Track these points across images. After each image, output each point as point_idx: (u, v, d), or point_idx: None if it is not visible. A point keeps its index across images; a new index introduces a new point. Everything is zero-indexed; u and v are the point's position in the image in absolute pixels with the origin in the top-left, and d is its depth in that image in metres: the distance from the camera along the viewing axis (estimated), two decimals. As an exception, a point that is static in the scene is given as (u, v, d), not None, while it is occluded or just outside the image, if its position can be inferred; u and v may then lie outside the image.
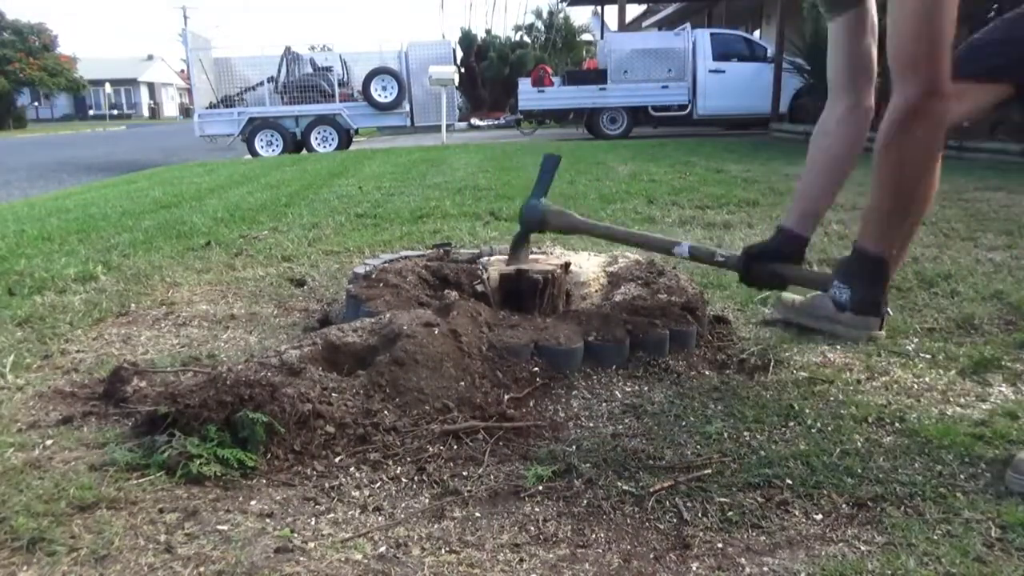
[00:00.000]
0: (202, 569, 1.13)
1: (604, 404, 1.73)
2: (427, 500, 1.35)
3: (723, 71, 13.36)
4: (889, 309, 2.15)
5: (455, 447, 1.52)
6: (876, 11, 1.78)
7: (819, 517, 1.27)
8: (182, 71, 30.83)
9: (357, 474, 1.43)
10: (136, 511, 1.29)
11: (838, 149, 1.84)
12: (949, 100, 1.50)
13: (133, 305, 2.58)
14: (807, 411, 1.66)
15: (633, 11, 24.74)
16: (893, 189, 1.59)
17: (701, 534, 1.23)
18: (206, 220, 4.35)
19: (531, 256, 2.35)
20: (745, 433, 1.57)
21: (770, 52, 13.16)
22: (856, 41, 1.78)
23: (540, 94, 13.88)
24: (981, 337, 2.11)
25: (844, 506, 1.30)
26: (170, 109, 61.05)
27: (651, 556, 1.19)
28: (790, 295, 2.27)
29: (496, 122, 21.10)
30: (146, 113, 57.23)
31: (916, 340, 2.09)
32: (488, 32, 26.34)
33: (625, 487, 1.37)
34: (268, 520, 1.28)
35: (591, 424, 1.64)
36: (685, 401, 1.73)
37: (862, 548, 1.18)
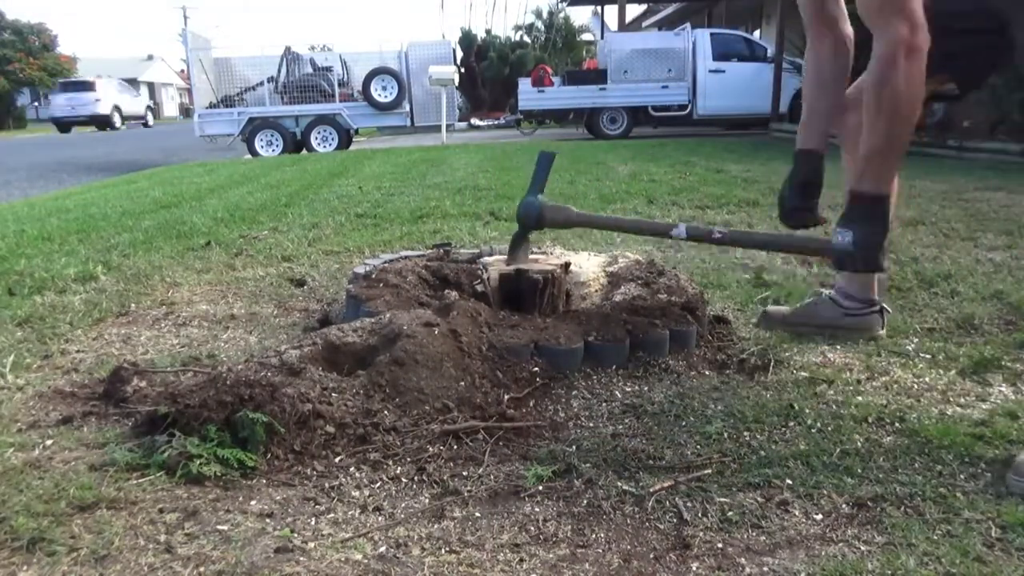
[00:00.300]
0: (202, 569, 1.13)
1: (604, 404, 1.73)
2: (427, 500, 1.35)
3: (723, 71, 13.35)
4: (888, 307, 2.16)
5: (455, 447, 1.52)
6: None
7: (819, 517, 1.27)
8: (182, 71, 30.86)
9: (357, 474, 1.43)
10: (136, 511, 1.29)
11: (832, 79, 1.94)
12: (926, 30, 1.55)
13: (133, 305, 2.58)
14: (807, 411, 1.66)
15: (633, 11, 24.76)
16: (888, 128, 1.62)
17: (701, 534, 1.23)
18: (206, 220, 4.35)
19: (531, 256, 2.35)
20: (745, 433, 1.57)
21: (770, 52, 13.16)
22: None
23: (540, 94, 13.88)
24: (981, 337, 2.11)
25: (844, 506, 1.30)
26: (170, 109, 61.04)
27: (651, 556, 1.19)
28: (776, 307, 2.29)
29: (496, 122, 21.09)
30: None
31: (916, 340, 2.09)
32: (488, 32, 26.34)
33: (625, 487, 1.37)
34: (268, 520, 1.28)
35: (591, 424, 1.64)
36: (685, 401, 1.73)
37: (862, 548, 1.18)
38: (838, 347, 2.06)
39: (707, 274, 2.84)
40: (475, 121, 21.51)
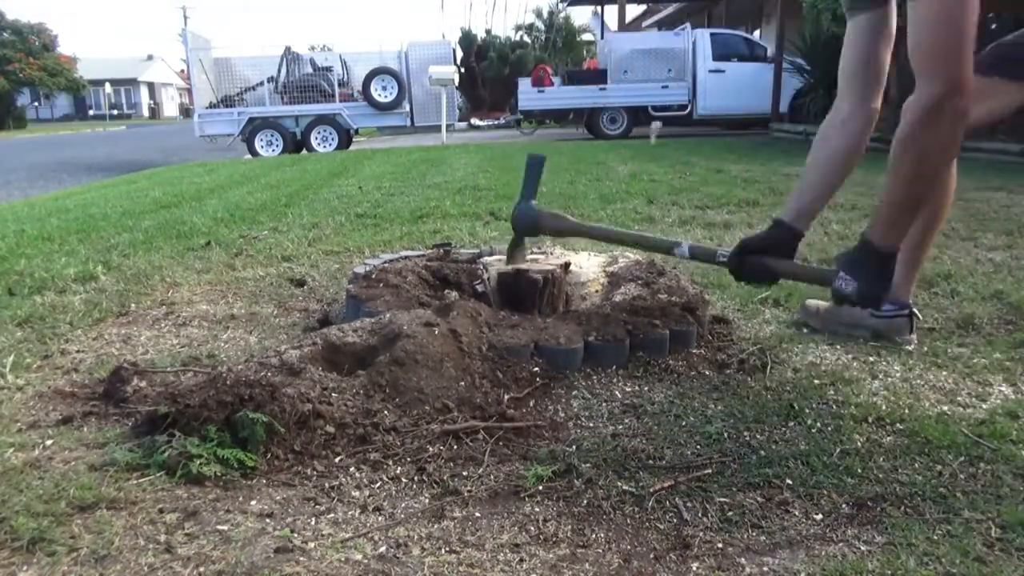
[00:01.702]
0: (202, 569, 1.13)
1: (604, 404, 1.73)
2: (427, 500, 1.35)
3: (723, 71, 13.36)
4: (918, 311, 2.12)
5: (455, 447, 1.52)
6: (896, 16, 1.77)
7: (819, 517, 1.27)
8: (182, 71, 30.83)
9: (357, 474, 1.43)
10: (136, 511, 1.29)
11: (841, 149, 1.82)
12: (970, 98, 1.51)
13: (133, 305, 2.58)
14: (807, 411, 1.66)
15: (633, 11, 24.74)
16: (908, 184, 1.59)
17: (701, 534, 1.23)
18: (206, 220, 4.35)
19: (531, 256, 2.35)
20: (745, 433, 1.57)
21: (770, 52, 13.16)
22: (873, 43, 1.77)
23: (540, 94, 13.89)
24: (981, 337, 2.11)
25: (844, 506, 1.30)
26: (170, 109, 61.04)
27: (651, 556, 1.19)
28: (814, 301, 2.25)
29: (496, 122, 21.10)
30: (146, 113, 57.23)
31: (916, 340, 2.09)
32: (488, 32, 26.34)
33: (625, 487, 1.37)
34: (268, 520, 1.28)
35: (591, 424, 1.64)
36: (685, 401, 1.73)
37: (862, 548, 1.18)
38: (838, 347, 2.06)
39: (707, 274, 2.84)
40: (475, 121, 21.52)
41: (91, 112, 51.63)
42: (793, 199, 1.89)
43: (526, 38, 26.38)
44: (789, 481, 1.38)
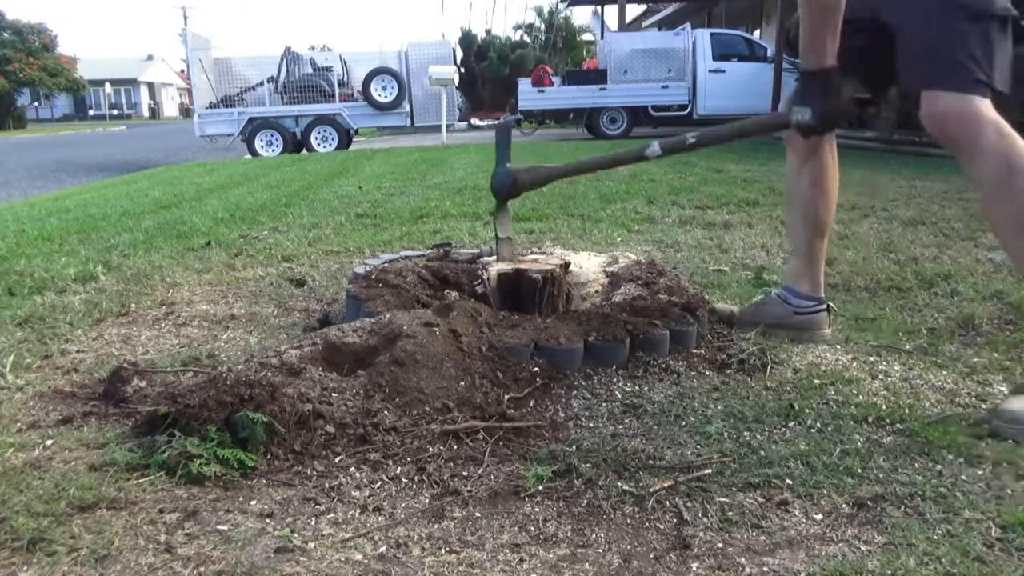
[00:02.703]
0: (202, 569, 1.13)
1: (604, 404, 1.73)
2: (427, 500, 1.35)
3: (723, 71, 13.36)
4: (832, 304, 2.18)
5: (455, 447, 1.52)
6: None
7: (819, 517, 1.27)
8: (182, 71, 30.83)
9: (357, 474, 1.43)
10: (136, 511, 1.29)
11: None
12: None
13: (133, 305, 2.58)
14: (807, 411, 1.66)
15: (633, 11, 24.75)
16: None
17: (701, 534, 1.23)
18: (206, 220, 4.35)
19: (531, 256, 2.35)
20: (745, 433, 1.57)
21: (770, 52, 13.16)
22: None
23: (540, 94, 13.89)
24: (981, 337, 2.11)
25: (844, 506, 1.30)
26: (170, 109, 61.05)
27: (651, 556, 1.19)
28: (723, 305, 2.32)
29: (496, 122, 21.09)
30: (146, 113, 57.24)
31: (916, 340, 2.09)
32: (488, 32, 26.34)
33: (625, 487, 1.37)
34: (268, 520, 1.28)
35: (591, 424, 1.64)
36: (685, 401, 1.73)
37: (862, 548, 1.18)
38: (838, 347, 2.06)
39: (707, 274, 2.84)
40: (475, 121, 21.51)
41: (91, 112, 51.64)
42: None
43: (526, 38, 26.40)
44: (789, 481, 1.37)
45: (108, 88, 45.09)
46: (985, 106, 1.64)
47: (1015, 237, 1.64)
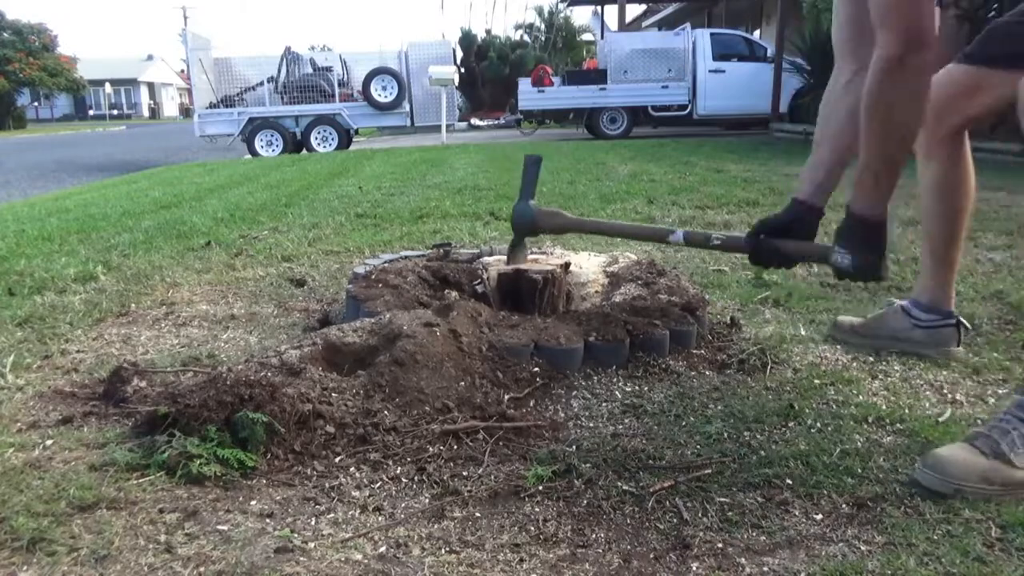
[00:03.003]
0: (202, 569, 1.13)
1: (604, 404, 1.73)
2: (427, 500, 1.35)
3: (723, 71, 13.36)
4: (966, 322, 2.00)
5: (455, 447, 1.52)
6: None
7: (819, 517, 1.27)
8: (182, 71, 30.83)
9: (357, 474, 1.43)
10: (136, 511, 1.29)
11: (845, 115, 1.75)
12: (932, 50, 1.47)
13: (133, 305, 2.58)
14: (807, 411, 1.66)
15: (633, 11, 24.76)
16: (879, 144, 1.55)
17: (701, 534, 1.23)
18: (206, 220, 4.35)
19: (531, 256, 2.35)
20: (745, 433, 1.57)
21: (770, 52, 13.16)
22: (858, 4, 1.69)
23: (540, 94, 13.88)
24: (981, 337, 2.11)
25: (844, 506, 1.30)
26: (170, 109, 61.05)
27: (651, 556, 1.19)
28: (847, 318, 2.14)
29: (496, 122, 21.10)
30: (146, 113, 57.23)
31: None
32: (488, 32, 26.34)
33: (625, 487, 1.37)
34: (268, 520, 1.28)
35: (591, 424, 1.64)
36: (685, 401, 1.73)
37: (862, 548, 1.18)
38: (838, 347, 2.06)
39: (707, 275, 2.84)
40: (475, 121, 21.52)
41: (91, 112, 51.63)
42: (807, 175, 1.81)
43: (526, 38, 26.39)
44: (789, 481, 1.37)
45: (108, 88, 45.10)
46: None
47: None
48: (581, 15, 27.61)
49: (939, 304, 1.97)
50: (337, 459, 1.47)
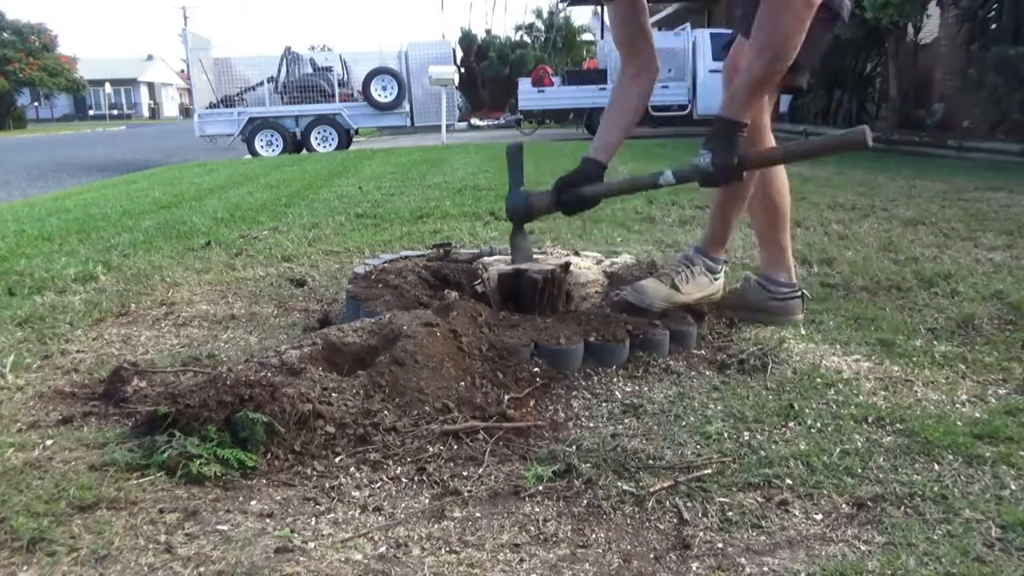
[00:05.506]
0: (202, 569, 1.13)
1: (604, 404, 1.73)
2: (427, 500, 1.35)
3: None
4: (806, 292, 2.27)
5: (455, 447, 1.52)
6: None
7: (819, 517, 1.27)
8: (182, 71, 30.81)
9: (357, 474, 1.43)
10: (136, 511, 1.29)
11: (631, 99, 2.20)
12: None
13: (133, 305, 2.58)
14: (807, 411, 1.66)
15: (633, 11, 24.69)
16: (757, 56, 1.83)
17: (701, 534, 1.23)
18: (206, 220, 4.35)
19: (533, 248, 2.35)
20: (745, 433, 1.57)
21: (770, 52, 13.14)
22: (628, 7, 2.11)
23: (540, 94, 13.89)
24: (981, 337, 2.11)
25: (844, 506, 1.30)
26: (170, 109, 61.06)
27: (651, 556, 1.19)
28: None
29: (496, 122, 21.10)
30: (146, 113, 57.24)
31: (916, 340, 2.09)
32: (488, 32, 26.36)
33: (625, 487, 1.37)
34: (268, 520, 1.28)
35: (591, 424, 1.64)
36: (685, 401, 1.73)
37: (862, 548, 1.18)
38: (838, 347, 2.06)
39: (707, 274, 2.83)
40: (475, 121, 21.53)
41: (91, 112, 51.62)
42: (597, 140, 2.21)
43: (526, 38, 26.41)
44: (789, 481, 1.37)
45: (108, 88, 45.10)
46: None
47: None
48: (581, 15, 27.62)
49: (789, 278, 2.25)
50: (337, 459, 1.47)
